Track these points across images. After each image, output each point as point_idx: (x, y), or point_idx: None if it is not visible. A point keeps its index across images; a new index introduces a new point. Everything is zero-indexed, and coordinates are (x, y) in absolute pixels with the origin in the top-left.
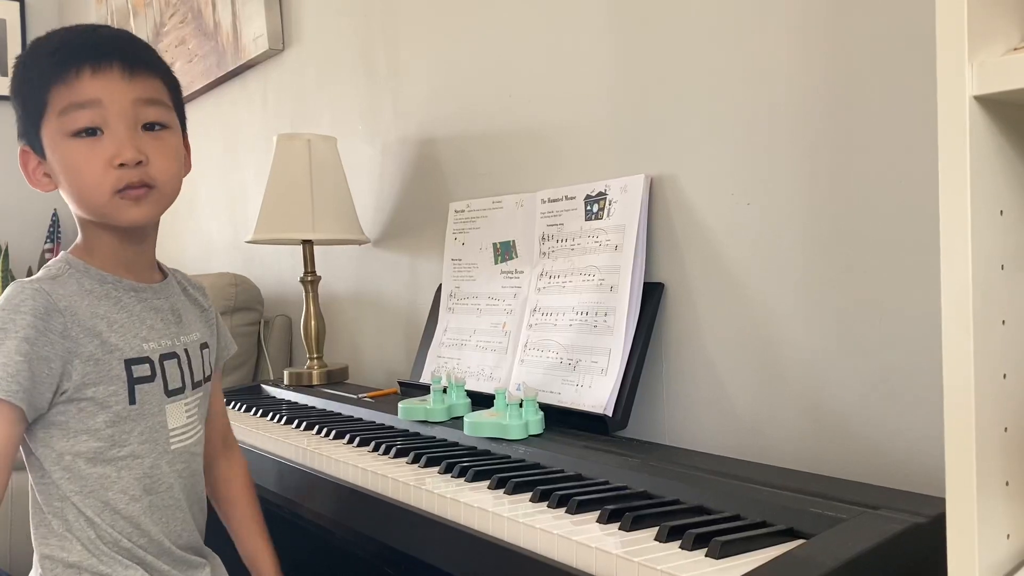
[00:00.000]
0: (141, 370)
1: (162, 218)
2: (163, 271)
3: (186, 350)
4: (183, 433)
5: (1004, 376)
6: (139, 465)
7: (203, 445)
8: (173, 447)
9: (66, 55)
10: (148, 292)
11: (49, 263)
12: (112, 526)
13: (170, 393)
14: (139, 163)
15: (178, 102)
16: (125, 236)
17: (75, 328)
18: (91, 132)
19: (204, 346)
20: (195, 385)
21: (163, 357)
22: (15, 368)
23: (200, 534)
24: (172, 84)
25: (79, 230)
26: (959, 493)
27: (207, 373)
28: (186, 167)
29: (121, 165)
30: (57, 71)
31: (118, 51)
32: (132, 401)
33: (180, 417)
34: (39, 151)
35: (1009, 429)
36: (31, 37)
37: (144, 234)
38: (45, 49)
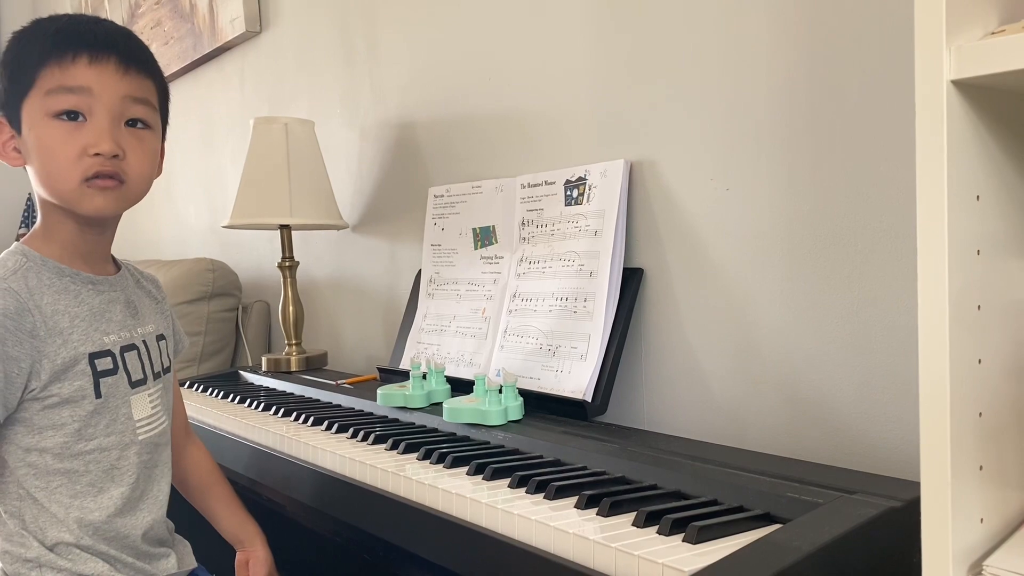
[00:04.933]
0: (104, 363)
1: (139, 203)
2: (116, 263)
3: (144, 341)
4: (148, 424)
5: (979, 361)
6: (106, 458)
7: (169, 436)
8: (140, 438)
9: (66, 38)
10: (104, 285)
11: (2, 255)
12: (77, 522)
13: (133, 384)
14: (115, 156)
15: (164, 107)
16: (86, 224)
17: (42, 328)
18: (73, 116)
19: (160, 337)
20: (156, 376)
21: (123, 349)
22: None
23: (166, 524)
24: (162, 89)
25: (39, 215)
26: (934, 478)
27: (166, 365)
28: (157, 171)
29: (96, 155)
30: (54, 52)
31: (118, 45)
32: (98, 395)
33: (145, 408)
34: (16, 125)
35: (984, 414)
36: (4, 21)
37: (105, 225)
38: (47, 29)
